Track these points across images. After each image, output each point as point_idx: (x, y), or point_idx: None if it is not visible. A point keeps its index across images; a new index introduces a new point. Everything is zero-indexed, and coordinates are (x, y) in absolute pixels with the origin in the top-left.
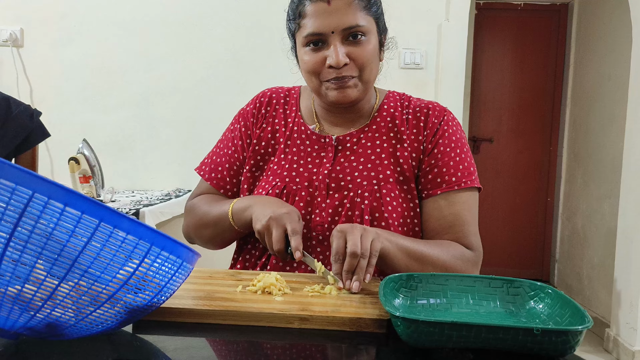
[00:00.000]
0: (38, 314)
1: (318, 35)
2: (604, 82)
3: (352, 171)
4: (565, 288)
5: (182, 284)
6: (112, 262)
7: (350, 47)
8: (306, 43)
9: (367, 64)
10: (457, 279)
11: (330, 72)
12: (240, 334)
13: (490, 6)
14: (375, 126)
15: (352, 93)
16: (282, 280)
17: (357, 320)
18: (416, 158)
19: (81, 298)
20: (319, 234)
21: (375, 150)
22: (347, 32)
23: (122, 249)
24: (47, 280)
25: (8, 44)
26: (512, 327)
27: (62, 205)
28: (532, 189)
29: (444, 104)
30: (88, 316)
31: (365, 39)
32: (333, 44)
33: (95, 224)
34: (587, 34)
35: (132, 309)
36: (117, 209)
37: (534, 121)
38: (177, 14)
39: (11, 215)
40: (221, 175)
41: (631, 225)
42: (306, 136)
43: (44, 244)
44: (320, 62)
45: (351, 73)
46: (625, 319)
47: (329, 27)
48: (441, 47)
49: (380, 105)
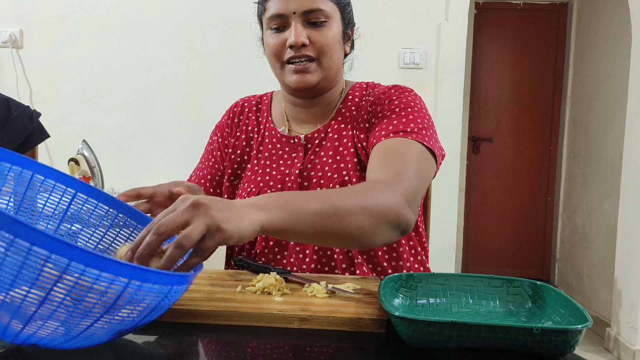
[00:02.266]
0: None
1: (280, 17)
2: (603, 81)
3: (322, 167)
4: (566, 287)
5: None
6: (88, 294)
7: (310, 31)
8: (270, 26)
9: (327, 48)
10: (457, 279)
11: (289, 52)
12: (240, 334)
13: (489, 6)
14: (340, 117)
15: (311, 78)
16: (282, 280)
17: (356, 320)
18: (364, 138)
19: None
20: None
21: (342, 141)
22: (307, 15)
23: (97, 284)
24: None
25: (8, 45)
26: (512, 327)
27: (28, 245)
28: (532, 189)
29: (444, 103)
30: (78, 336)
31: (326, 24)
32: (293, 24)
33: (65, 263)
34: (587, 33)
35: (119, 331)
36: None
37: (533, 121)
38: (176, 15)
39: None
40: (205, 189)
41: (631, 224)
42: (277, 139)
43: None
44: (281, 43)
45: (310, 54)
46: (625, 318)
47: (289, 8)
48: (441, 46)
49: (345, 97)
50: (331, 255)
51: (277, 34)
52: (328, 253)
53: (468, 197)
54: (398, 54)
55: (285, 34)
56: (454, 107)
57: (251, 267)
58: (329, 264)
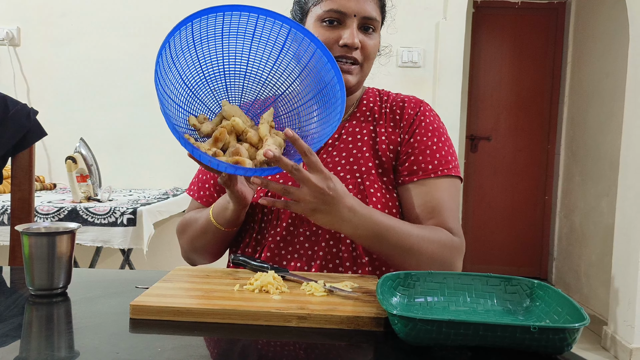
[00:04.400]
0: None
1: (339, 14)
2: (601, 80)
3: (334, 166)
4: (563, 286)
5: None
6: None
7: (362, 36)
8: (323, 19)
9: (372, 55)
10: (455, 277)
11: (340, 50)
12: (238, 332)
13: (488, 4)
14: (355, 121)
15: (351, 79)
16: (280, 278)
17: (354, 318)
18: (394, 150)
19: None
20: (307, 229)
21: (356, 144)
22: (365, 20)
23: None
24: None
25: (5, 43)
26: (509, 325)
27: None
28: (530, 187)
29: (442, 102)
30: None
31: (374, 33)
32: (351, 26)
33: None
34: (585, 32)
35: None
36: (114, 208)
37: (531, 119)
38: (174, 12)
39: None
40: (209, 192)
41: (629, 222)
42: None
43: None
44: (334, 39)
45: (358, 58)
46: (622, 317)
47: (352, 9)
48: (439, 45)
49: (360, 100)
50: (337, 254)
51: (329, 28)
52: (334, 250)
53: (466, 195)
54: (396, 52)
55: (339, 31)
56: (452, 106)
57: (249, 265)
58: (333, 262)
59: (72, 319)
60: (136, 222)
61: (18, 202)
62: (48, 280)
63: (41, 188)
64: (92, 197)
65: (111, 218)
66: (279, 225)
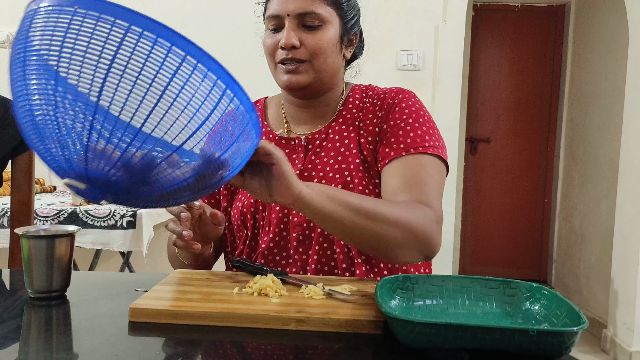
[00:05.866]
0: (116, 150)
1: (276, 18)
2: (600, 83)
3: (323, 167)
4: (563, 288)
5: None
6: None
7: (304, 34)
8: (268, 26)
9: (319, 51)
10: (454, 280)
11: (281, 54)
12: (237, 335)
13: (487, 7)
14: (341, 119)
15: (301, 79)
16: (279, 282)
17: (353, 321)
18: (372, 141)
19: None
20: (299, 234)
21: (343, 142)
22: (302, 17)
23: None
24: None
25: (5, 46)
26: (508, 328)
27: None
28: (530, 189)
29: (442, 105)
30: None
31: (321, 27)
32: (286, 27)
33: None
34: (584, 35)
35: (207, 157)
36: (114, 211)
37: (531, 121)
38: (177, 16)
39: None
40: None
41: (628, 224)
42: (275, 142)
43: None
44: (275, 44)
45: (301, 57)
46: (622, 319)
47: (284, 10)
48: (438, 48)
49: (346, 99)
50: (331, 255)
51: (273, 34)
52: (328, 253)
53: (465, 198)
54: (396, 55)
55: (279, 35)
56: (452, 109)
57: (248, 268)
58: (329, 264)
59: (71, 321)
60: (136, 224)
61: (18, 204)
62: (47, 282)
63: (41, 191)
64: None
65: (111, 221)
66: (270, 231)
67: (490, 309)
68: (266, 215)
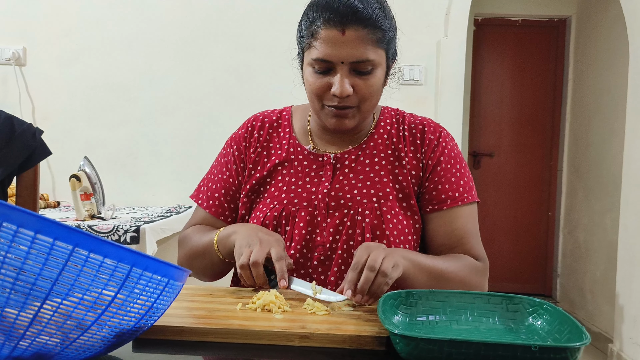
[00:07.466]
0: (22, 342)
1: (326, 62)
2: (603, 96)
3: (351, 189)
4: (568, 303)
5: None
6: (92, 286)
7: (355, 79)
8: (313, 66)
9: (369, 97)
10: (457, 296)
11: (332, 99)
12: (241, 352)
13: (488, 22)
14: (372, 143)
15: (349, 123)
16: (282, 297)
17: (356, 337)
18: (416, 175)
19: (66, 323)
20: (321, 254)
21: (374, 167)
22: (355, 64)
23: (101, 272)
24: (29, 304)
25: (11, 63)
26: (510, 344)
27: (32, 233)
28: (533, 203)
29: (444, 119)
30: (75, 341)
31: (372, 72)
32: (340, 74)
33: (70, 249)
34: (586, 48)
35: (119, 332)
36: (118, 226)
37: (534, 135)
38: (179, 31)
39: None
40: (219, 202)
41: (633, 238)
42: (303, 157)
43: (17, 273)
44: (324, 87)
45: (352, 104)
46: (628, 334)
47: (338, 57)
48: (440, 63)
49: (377, 122)
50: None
51: (320, 75)
52: (329, 274)
53: None
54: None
55: (330, 78)
56: (454, 123)
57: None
58: (330, 283)
59: None
60: (139, 240)
61: None
62: None
63: (45, 206)
64: (95, 215)
65: (114, 236)
66: (292, 247)
67: (493, 325)
68: (289, 229)
